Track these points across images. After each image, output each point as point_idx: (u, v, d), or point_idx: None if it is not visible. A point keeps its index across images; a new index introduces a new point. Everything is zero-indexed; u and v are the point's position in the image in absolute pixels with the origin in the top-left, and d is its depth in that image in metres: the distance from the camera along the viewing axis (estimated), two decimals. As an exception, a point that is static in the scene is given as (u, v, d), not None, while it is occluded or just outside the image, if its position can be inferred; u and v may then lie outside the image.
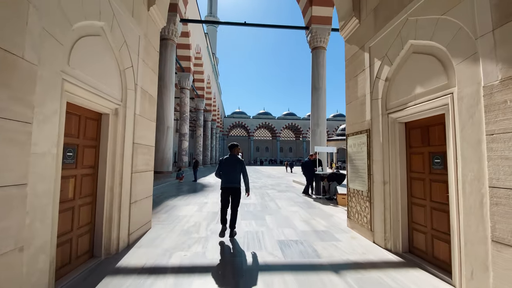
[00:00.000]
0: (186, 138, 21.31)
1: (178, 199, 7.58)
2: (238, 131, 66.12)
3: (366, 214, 4.22)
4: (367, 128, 4.25)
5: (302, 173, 8.71)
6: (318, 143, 13.22)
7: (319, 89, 13.57)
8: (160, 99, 13.01)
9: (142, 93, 4.13)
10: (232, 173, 4.10)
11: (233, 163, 4.15)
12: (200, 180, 14.38)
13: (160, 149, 12.73)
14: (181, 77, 21.29)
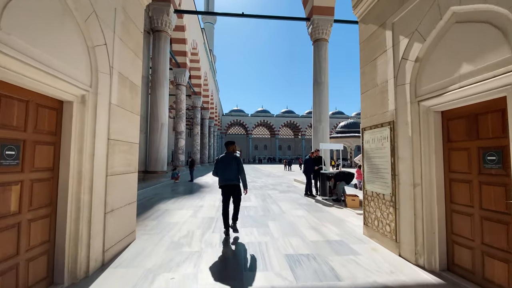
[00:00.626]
0: (182, 136, 20.57)
1: (171, 202, 6.88)
2: (236, 129, 65.36)
3: (389, 221, 3.56)
4: (390, 120, 3.58)
5: (303, 171, 8.04)
6: (320, 140, 12.56)
7: (321, 84, 12.88)
8: (154, 95, 12.28)
9: (121, 79, 3.42)
10: (228, 170, 4.07)
11: (229, 160, 4.12)
12: (197, 180, 13.69)
13: (154, 147, 12.01)
14: (176, 73, 20.52)
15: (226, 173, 4.07)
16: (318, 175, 8.14)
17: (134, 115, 3.85)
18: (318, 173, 8.07)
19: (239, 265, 3.05)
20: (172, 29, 13.22)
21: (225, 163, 4.10)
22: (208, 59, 34.66)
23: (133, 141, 3.80)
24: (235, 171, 4.09)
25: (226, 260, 3.19)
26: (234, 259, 3.22)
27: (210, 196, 8.02)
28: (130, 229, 3.75)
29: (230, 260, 3.21)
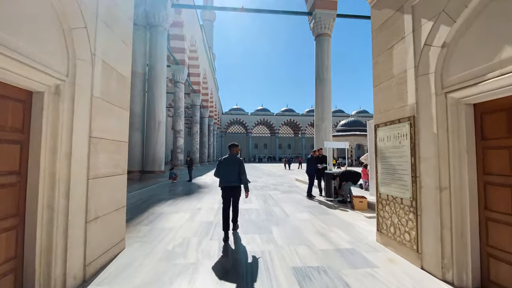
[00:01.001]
0: (181, 135, 20.17)
1: (167, 204, 6.49)
2: (236, 128, 64.95)
3: (408, 229, 3.17)
4: (410, 115, 3.18)
5: (306, 171, 7.66)
6: (323, 138, 12.17)
7: (324, 80, 12.48)
8: (151, 92, 11.87)
9: (106, 69, 3.02)
10: (231, 172, 4.06)
11: (232, 162, 4.11)
12: (196, 180, 13.29)
13: (151, 146, 11.61)
14: (175, 71, 20.08)
15: (228, 175, 4.07)
16: (322, 175, 7.75)
17: (122, 110, 3.45)
18: (322, 173, 7.69)
19: (241, 281, 2.66)
20: (169, 24, 12.79)
21: (228, 165, 4.10)
22: (207, 56, 34.21)
23: (121, 139, 3.40)
24: (237, 173, 4.08)
25: (226, 275, 2.80)
26: (234, 273, 2.83)
27: (209, 197, 7.63)
28: (119, 237, 3.36)
29: (230, 274, 2.82)
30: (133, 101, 11.65)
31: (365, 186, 8.64)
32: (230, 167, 4.07)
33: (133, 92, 11.73)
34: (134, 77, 11.82)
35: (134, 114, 11.64)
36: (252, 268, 2.94)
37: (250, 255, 3.31)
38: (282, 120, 62.42)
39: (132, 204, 6.50)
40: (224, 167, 4.11)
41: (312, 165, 7.46)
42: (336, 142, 7.45)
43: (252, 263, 3.07)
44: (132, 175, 11.35)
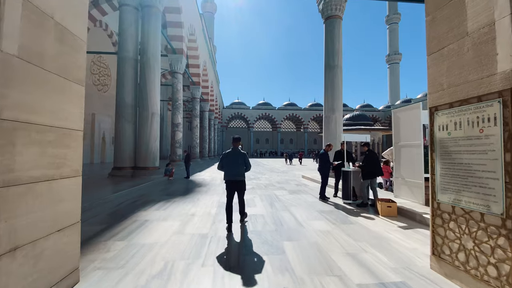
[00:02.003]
0: (179, 128, 19.10)
1: (155, 208, 5.47)
2: (237, 123, 63.84)
3: (496, 260, 2.10)
4: (504, 89, 2.08)
5: (318, 169, 6.59)
6: (333, 132, 11.08)
7: (335, 67, 11.30)
8: (143, 80, 10.75)
9: (31, 11, 1.92)
10: (234, 166, 4.07)
11: (235, 156, 4.13)
12: (194, 177, 12.27)
13: (143, 140, 10.56)
14: (172, 60, 18.91)
15: (232, 169, 4.08)
16: (338, 174, 6.68)
17: (70, 84, 2.36)
18: (338, 171, 6.61)
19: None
20: (163, 5, 11.59)
21: (232, 159, 4.12)
22: (208, 47, 32.89)
23: (69, 127, 2.33)
24: (242, 166, 4.10)
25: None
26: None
27: (206, 198, 6.59)
28: (66, 268, 2.32)
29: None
30: (123, 89, 10.58)
31: (385, 186, 7.56)
32: (233, 160, 4.08)
33: (123, 79, 10.65)
34: (124, 63, 10.73)
35: (124, 104, 10.58)
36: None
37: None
38: (284, 114, 61.15)
39: (114, 208, 5.48)
40: (228, 161, 4.12)
41: (326, 161, 6.37)
42: (356, 135, 6.34)
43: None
44: (122, 172, 10.35)
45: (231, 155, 4.14)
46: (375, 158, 5.71)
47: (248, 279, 2.54)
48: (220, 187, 8.82)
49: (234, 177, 4.06)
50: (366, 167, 5.63)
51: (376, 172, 5.69)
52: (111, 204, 5.85)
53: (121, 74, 10.71)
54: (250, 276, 2.60)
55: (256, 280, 2.52)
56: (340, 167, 6.49)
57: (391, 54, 74.45)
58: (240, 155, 4.13)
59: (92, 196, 6.34)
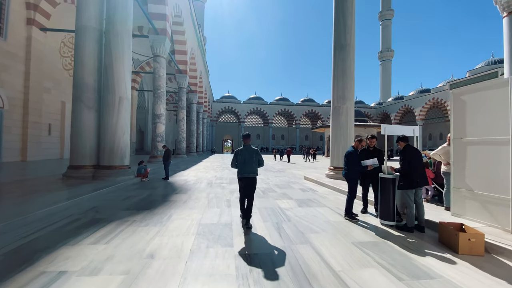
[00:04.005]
0: (162, 120, 16.82)
1: (94, 238, 3.39)
2: (227, 117, 61.43)
3: None
4: None
5: (343, 174, 4.66)
6: (343, 125, 9.23)
7: (346, 47, 9.39)
8: (109, 56, 8.47)
9: None
10: (248, 163, 4.06)
11: (249, 153, 4.10)
12: (175, 177, 10.16)
13: (109, 131, 8.33)
14: (154, 42, 16.51)
15: (246, 166, 4.05)
16: (369, 181, 4.79)
17: None
18: (369, 178, 4.71)
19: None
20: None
21: (245, 156, 4.08)
22: (196, 34, 30.34)
23: None
24: (255, 163, 4.08)
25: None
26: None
27: (182, 216, 4.54)
28: None
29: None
30: (82, 67, 8.29)
31: (425, 196, 5.70)
32: (247, 158, 4.05)
33: (83, 55, 8.34)
34: (84, 34, 8.40)
35: (83, 86, 8.30)
36: None
37: None
38: (276, 109, 59.29)
39: (29, 236, 3.37)
40: (242, 158, 4.08)
41: (355, 163, 4.45)
42: (401, 126, 4.41)
43: None
44: (80, 173, 8.12)
45: (245, 152, 4.11)
46: (418, 158, 3.88)
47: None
48: (204, 192, 6.79)
49: (248, 174, 4.04)
50: (408, 173, 3.79)
51: (421, 180, 3.85)
52: (29, 227, 3.73)
53: (80, 48, 8.38)
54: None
55: None
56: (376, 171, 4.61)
57: (384, 51, 73.76)
58: (253, 152, 4.11)
59: (11, 210, 4.19)
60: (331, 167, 9.52)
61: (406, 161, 3.83)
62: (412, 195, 3.81)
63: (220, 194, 6.66)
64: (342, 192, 6.93)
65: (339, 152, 9.23)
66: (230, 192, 6.91)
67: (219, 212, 4.81)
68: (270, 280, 2.38)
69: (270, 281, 2.36)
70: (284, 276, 2.45)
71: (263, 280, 2.39)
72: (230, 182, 9.07)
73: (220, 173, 11.95)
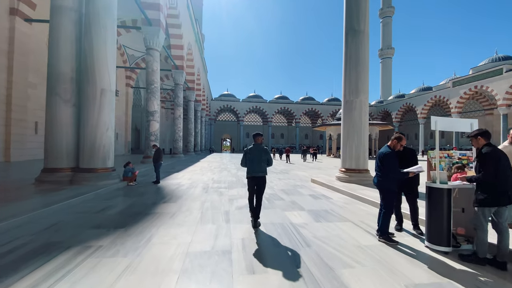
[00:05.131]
0: (155, 117, 15.72)
1: (33, 277, 2.34)
2: (226, 116, 60.31)
3: None
4: None
5: (375, 182, 3.60)
6: (357, 121, 8.18)
7: (360, 33, 8.33)
8: (89, 42, 7.35)
9: None
10: (257, 162, 4.01)
11: (258, 152, 4.05)
12: (167, 180, 9.08)
13: (88, 128, 7.24)
14: (147, 34, 15.39)
15: (254, 165, 4.01)
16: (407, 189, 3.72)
17: None
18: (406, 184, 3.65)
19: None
20: None
21: (254, 155, 4.04)
22: (193, 28, 29.16)
23: None
24: (264, 162, 4.03)
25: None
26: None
27: (165, 239, 3.41)
28: None
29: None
30: (57, 54, 7.19)
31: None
32: (256, 157, 4.01)
33: (58, 39, 7.24)
34: (60, 15, 7.29)
35: (59, 76, 7.19)
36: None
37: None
38: (275, 108, 58.18)
39: None
40: (251, 157, 4.04)
41: (392, 168, 3.37)
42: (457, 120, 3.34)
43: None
44: (56, 176, 7.03)
45: (254, 151, 4.04)
46: (507, 163, 2.80)
47: None
48: (198, 201, 5.72)
49: (257, 173, 3.99)
50: (495, 184, 2.70)
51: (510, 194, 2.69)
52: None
53: (55, 32, 7.28)
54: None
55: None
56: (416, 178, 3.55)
57: (384, 49, 72.76)
58: (262, 151, 4.04)
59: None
60: (342, 168, 8.47)
61: (491, 166, 2.68)
62: (489, 214, 2.74)
63: (217, 203, 5.60)
64: (361, 200, 5.88)
65: (351, 152, 8.18)
66: (229, 201, 5.83)
67: (215, 230, 3.74)
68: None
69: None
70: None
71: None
72: (229, 186, 7.99)
73: (218, 175, 10.86)
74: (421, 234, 3.66)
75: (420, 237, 3.56)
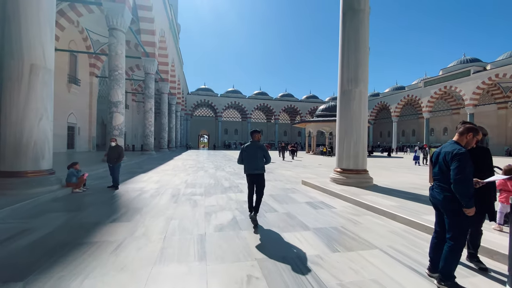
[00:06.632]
0: (119, 109, 13.58)
1: None
2: (204, 111, 57.87)
3: None
4: None
5: (439, 199, 2.27)
6: (356, 115, 7.12)
7: (360, 12, 7.22)
8: (12, 2, 5.39)
9: None
10: (253, 159, 3.93)
11: (254, 149, 3.96)
12: (131, 182, 7.35)
13: (8, 116, 5.32)
14: (109, 10, 13.15)
15: (251, 163, 3.93)
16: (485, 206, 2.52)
17: None
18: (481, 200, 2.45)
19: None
20: None
21: (251, 152, 3.96)
22: (167, 14, 26.68)
23: None
24: (260, 160, 3.93)
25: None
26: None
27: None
28: None
29: None
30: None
31: (500, 220, 3.66)
32: (253, 154, 3.93)
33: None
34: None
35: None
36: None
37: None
38: (255, 104, 56.93)
39: None
40: (247, 154, 3.97)
41: (469, 179, 2.11)
42: None
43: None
44: (-41, 183, 5.04)
45: (250, 148, 3.97)
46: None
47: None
48: (162, 217, 4.19)
49: (254, 170, 3.90)
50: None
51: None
52: None
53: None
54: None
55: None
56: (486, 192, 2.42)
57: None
58: (258, 148, 3.95)
59: None
60: (338, 168, 7.37)
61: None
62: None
63: (188, 220, 4.09)
64: (371, 209, 4.75)
65: (349, 150, 7.10)
66: (206, 215, 4.35)
67: (181, 281, 2.30)
68: None
69: None
70: None
71: None
72: (206, 192, 6.49)
73: (193, 177, 9.25)
74: (484, 269, 2.55)
75: (486, 273, 2.45)
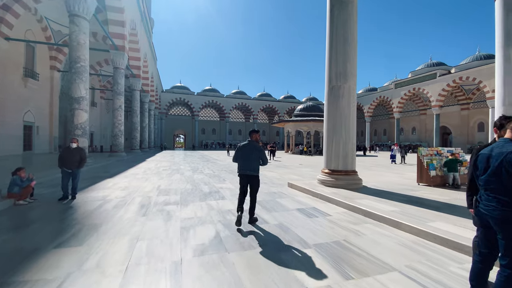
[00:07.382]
0: (82, 106, 12.08)
1: None
2: (179, 110, 55.66)
3: None
4: None
5: (496, 215, 1.70)
6: (344, 112, 6.74)
7: (348, 4, 6.83)
8: None
9: None
10: (248, 160, 3.82)
11: (250, 150, 3.86)
12: (92, 190, 6.27)
13: None
14: (68, -6, 11.60)
15: (246, 163, 3.83)
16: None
17: None
18: None
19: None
20: None
21: (246, 152, 3.85)
22: (139, 6, 24.88)
23: None
24: (256, 161, 3.83)
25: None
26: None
27: None
28: None
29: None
30: None
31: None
32: (248, 155, 3.83)
33: None
34: None
35: None
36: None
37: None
38: (233, 103, 55.99)
39: None
40: (242, 154, 3.87)
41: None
42: None
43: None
44: None
45: (247, 148, 3.86)
46: None
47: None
48: (126, 237, 3.33)
49: (246, 171, 3.79)
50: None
51: None
52: None
53: None
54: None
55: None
56: None
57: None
58: (254, 149, 3.84)
59: None
60: (326, 170, 6.92)
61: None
62: None
63: (160, 240, 3.26)
64: (370, 216, 4.29)
65: (338, 150, 6.68)
66: (183, 232, 3.54)
67: None
68: None
69: None
70: None
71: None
72: (182, 200, 5.64)
73: (167, 181, 8.28)
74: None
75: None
